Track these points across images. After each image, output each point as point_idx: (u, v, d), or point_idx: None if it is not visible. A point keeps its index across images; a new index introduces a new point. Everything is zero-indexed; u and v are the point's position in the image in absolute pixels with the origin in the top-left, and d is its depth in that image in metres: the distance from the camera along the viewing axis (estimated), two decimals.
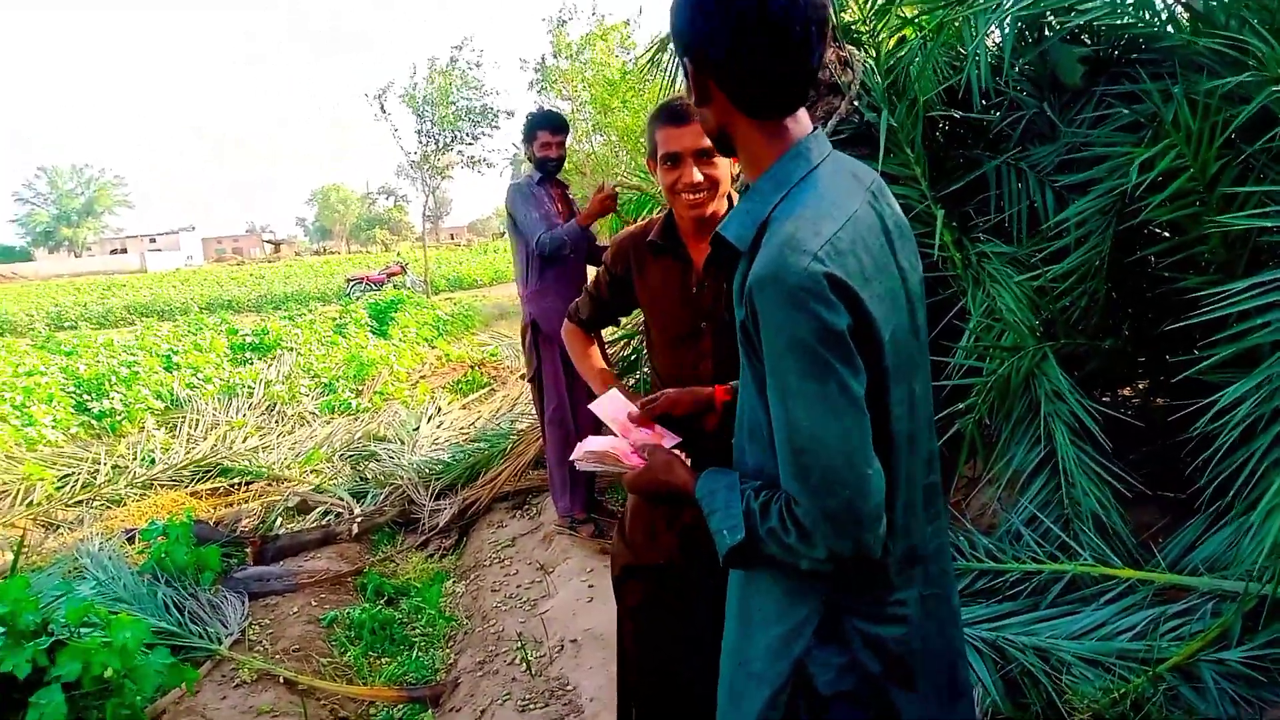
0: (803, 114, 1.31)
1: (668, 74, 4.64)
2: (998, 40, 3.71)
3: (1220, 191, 3.07)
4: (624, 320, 4.78)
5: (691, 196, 2.09)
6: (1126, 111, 3.33)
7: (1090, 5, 3.41)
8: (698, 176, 2.06)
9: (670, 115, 2.09)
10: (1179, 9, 3.46)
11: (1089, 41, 3.64)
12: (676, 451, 1.62)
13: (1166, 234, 3.46)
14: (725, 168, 2.12)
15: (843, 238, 1.18)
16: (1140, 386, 4.12)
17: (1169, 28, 3.35)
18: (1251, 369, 2.67)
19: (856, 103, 3.73)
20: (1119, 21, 3.43)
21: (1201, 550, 2.83)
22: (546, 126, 4.67)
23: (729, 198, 2.18)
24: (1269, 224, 2.89)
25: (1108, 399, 3.96)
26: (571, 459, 1.76)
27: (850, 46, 3.83)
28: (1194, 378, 2.92)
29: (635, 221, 4.87)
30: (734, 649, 1.43)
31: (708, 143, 2.04)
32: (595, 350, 2.53)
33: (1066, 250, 3.33)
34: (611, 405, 1.92)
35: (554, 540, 4.60)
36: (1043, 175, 3.52)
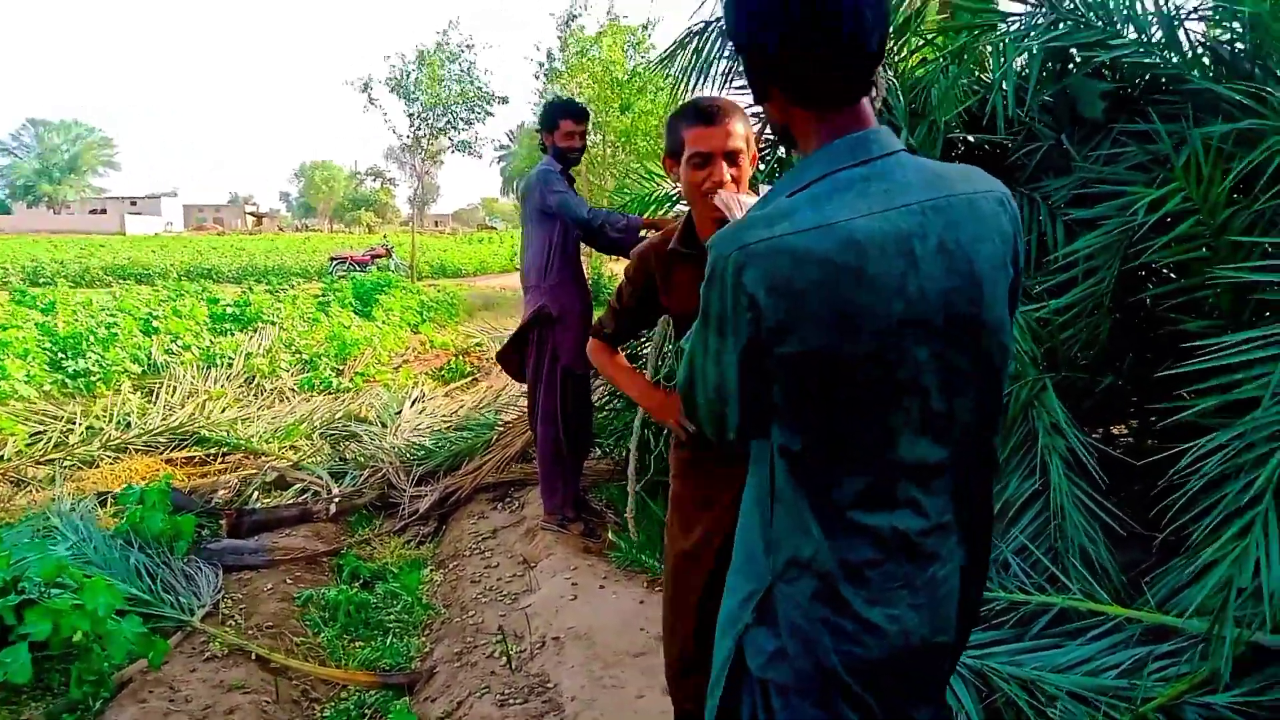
0: (863, 108, 1.27)
1: (684, 77, 4.63)
2: (1018, 68, 3.71)
3: (1228, 239, 3.09)
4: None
5: None
6: (1139, 150, 3.35)
7: (1119, 42, 3.43)
8: (726, 175, 2.06)
9: (700, 115, 2.10)
10: (1205, 53, 3.48)
11: (1112, 77, 3.66)
12: None
13: (1173, 275, 3.48)
14: (748, 169, 2.13)
15: (793, 242, 1.17)
16: (1133, 425, 4.15)
17: (1193, 71, 3.37)
18: (1240, 417, 2.68)
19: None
20: (1145, 60, 3.45)
21: (1191, 591, 2.84)
22: (570, 115, 4.53)
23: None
24: (1270, 277, 2.92)
25: (1098, 435, 3.98)
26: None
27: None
28: (1186, 421, 2.94)
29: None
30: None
31: (736, 144, 2.09)
32: (622, 359, 2.58)
33: (1072, 283, 3.34)
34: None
35: (538, 535, 4.57)
36: (1054, 207, 3.53)
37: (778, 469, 1.30)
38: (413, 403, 7.99)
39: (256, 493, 5.78)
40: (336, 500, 5.51)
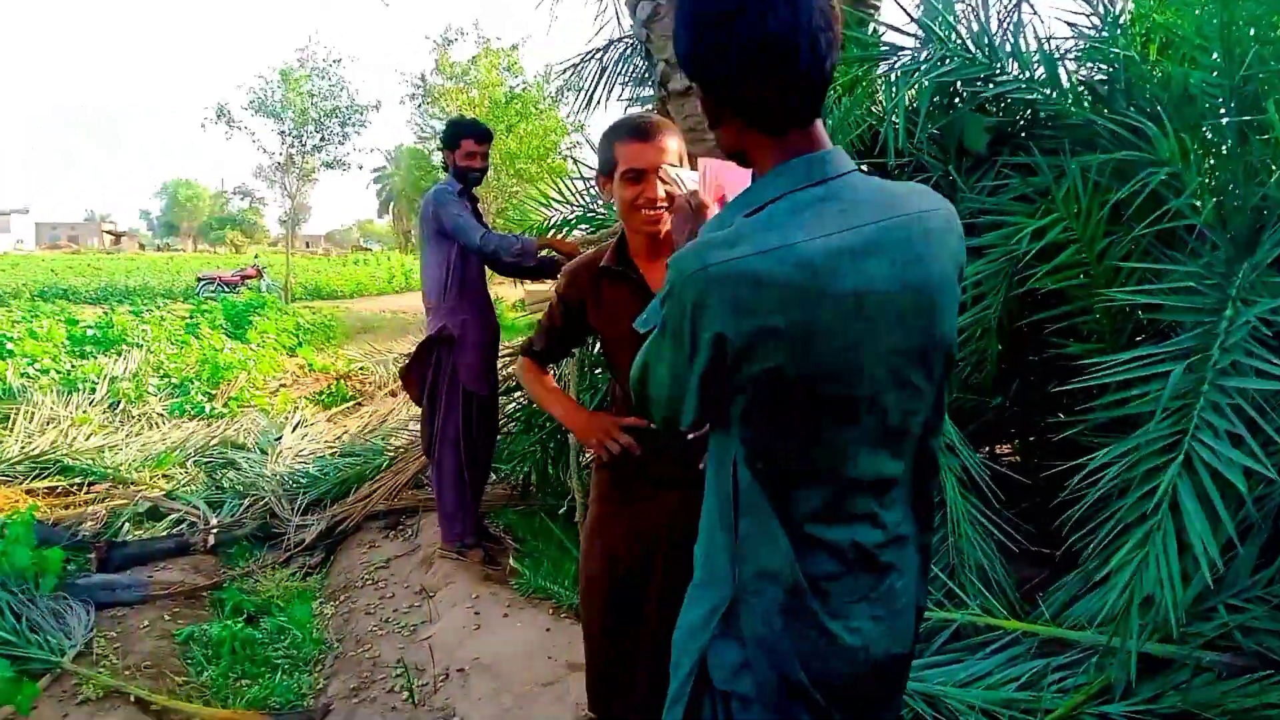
0: (817, 128, 1.29)
1: (586, 94, 4.64)
2: (907, 101, 3.84)
3: (1107, 265, 3.26)
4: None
5: (650, 212, 2.11)
6: (1021, 182, 3.49)
7: (1003, 78, 3.59)
8: (660, 192, 2.07)
9: (635, 131, 2.11)
10: (1084, 89, 3.66)
11: (996, 112, 3.82)
12: None
13: (1053, 301, 3.63)
14: None
15: (754, 264, 1.17)
16: (1016, 444, 4.31)
17: (1072, 106, 3.55)
18: (1126, 433, 2.82)
19: None
20: (1028, 96, 3.61)
21: (1083, 604, 2.95)
22: (472, 134, 4.47)
23: None
24: (1150, 300, 3.08)
25: (983, 454, 4.12)
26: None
27: None
28: (1071, 439, 3.07)
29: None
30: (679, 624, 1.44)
31: (670, 160, 2.09)
32: (549, 379, 2.54)
33: (961, 309, 3.45)
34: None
35: (436, 563, 4.43)
36: None
37: (741, 480, 1.29)
38: (294, 428, 7.70)
39: (128, 524, 5.46)
40: (215, 531, 5.26)
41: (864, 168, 4.10)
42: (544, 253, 4.37)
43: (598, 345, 4.03)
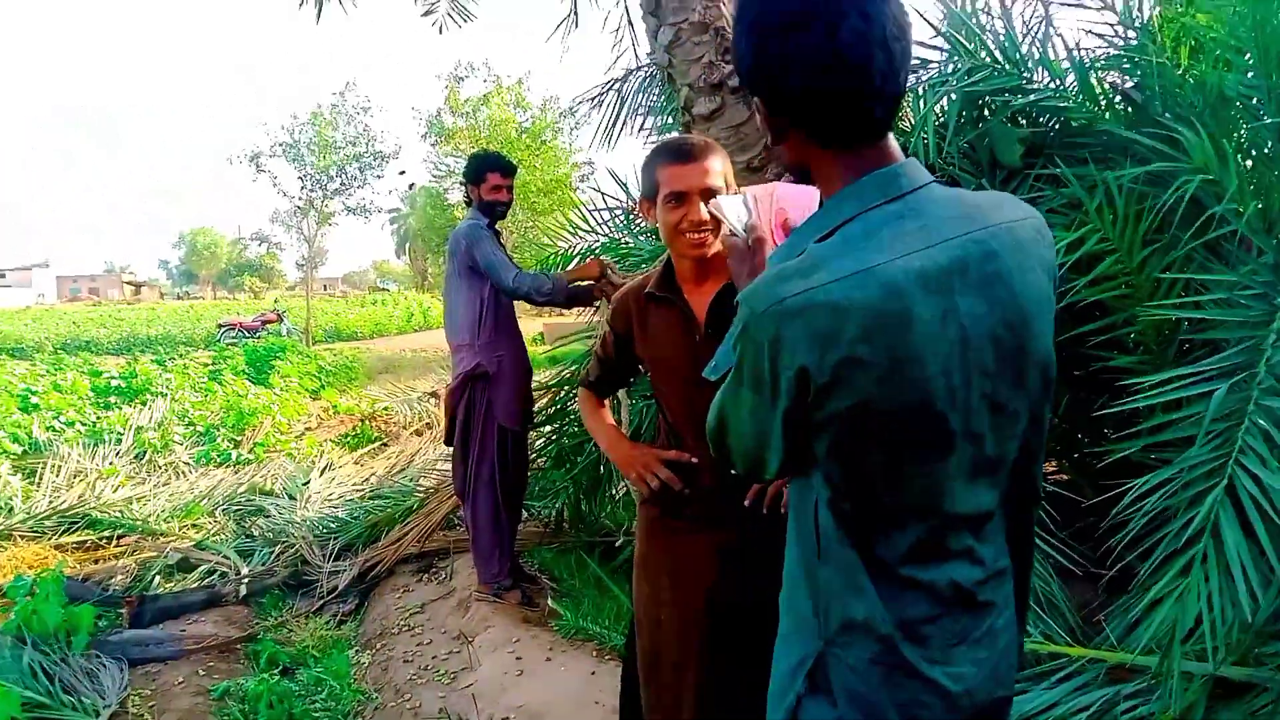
0: (889, 142, 1.20)
1: (606, 125, 4.63)
2: (936, 115, 3.77)
3: (1151, 276, 3.16)
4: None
5: (695, 235, 2.04)
6: (1055, 194, 3.41)
7: (1033, 88, 3.52)
8: (704, 214, 2.00)
9: (676, 153, 2.05)
10: (1118, 98, 3.59)
11: (1026, 123, 3.74)
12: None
13: (1098, 314, 3.54)
14: None
15: (833, 292, 1.09)
16: (1064, 464, 4.20)
17: (1106, 115, 3.47)
18: (1179, 450, 2.71)
19: None
20: (1059, 105, 3.53)
21: (1146, 628, 2.83)
22: (498, 168, 4.44)
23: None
24: (1192, 315, 2.99)
25: None
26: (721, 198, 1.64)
27: None
28: (1122, 457, 2.97)
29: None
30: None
31: (714, 182, 2.03)
32: (605, 411, 2.47)
33: None
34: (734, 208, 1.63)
35: (472, 607, 4.34)
36: None
37: (823, 524, 1.21)
38: (321, 472, 7.66)
39: (158, 577, 5.40)
40: (246, 581, 5.19)
41: None
42: (574, 283, 4.35)
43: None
